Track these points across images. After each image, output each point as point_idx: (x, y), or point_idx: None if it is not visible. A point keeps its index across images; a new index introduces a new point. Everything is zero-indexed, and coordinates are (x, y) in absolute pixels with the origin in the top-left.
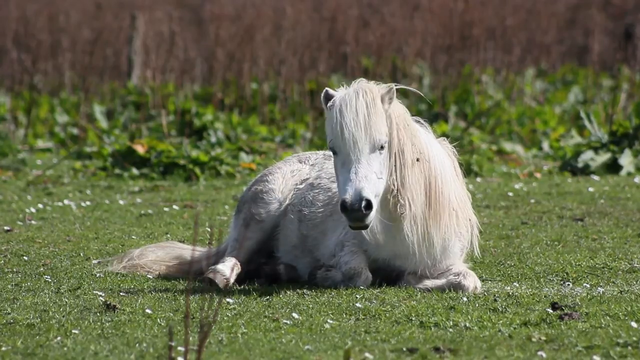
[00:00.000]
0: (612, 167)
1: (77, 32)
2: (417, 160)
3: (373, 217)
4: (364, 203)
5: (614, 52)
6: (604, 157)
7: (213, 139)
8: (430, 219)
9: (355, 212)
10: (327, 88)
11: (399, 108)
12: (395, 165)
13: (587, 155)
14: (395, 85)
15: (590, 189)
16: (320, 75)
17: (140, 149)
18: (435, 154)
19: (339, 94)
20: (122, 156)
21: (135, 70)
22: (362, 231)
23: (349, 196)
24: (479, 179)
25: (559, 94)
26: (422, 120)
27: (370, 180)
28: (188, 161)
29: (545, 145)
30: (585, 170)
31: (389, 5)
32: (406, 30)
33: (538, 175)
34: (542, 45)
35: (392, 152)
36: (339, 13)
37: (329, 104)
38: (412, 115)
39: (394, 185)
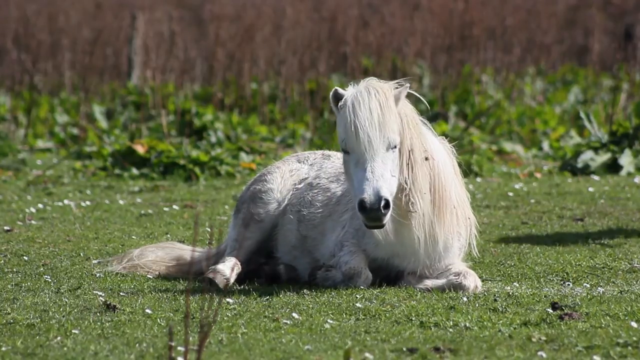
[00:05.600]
0: (612, 167)
1: (77, 32)
2: (426, 159)
3: (389, 216)
4: (383, 202)
5: (614, 52)
6: (603, 157)
7: (213, 139)
8: (435, 216)
9: (374, 211)
10: (336, 87)
11: (407, 107)
12: (406, 164)
13: (587, 155)
14: (406, 84)
15: (590, 189)
16: (320, 75)
17: (140, 149)
18: (437, 152)
19: (349, 93)
20: (122, 156)
21: (135, 70)
22: (375, 230)
23: (367, 195)
24: (479, 179)
25: (559, 94)
26: (424, 120)
27: (386, 179)
28: (188, 161)
29: (545, 145)
30: (585, 170)
31: (389, 5)
32: (406, 30)
33: (538, 175)
34: (542, 45)
35: (404, 150)
36: (339, 13)
37: (339, 104)
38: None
39: (406, 183)
